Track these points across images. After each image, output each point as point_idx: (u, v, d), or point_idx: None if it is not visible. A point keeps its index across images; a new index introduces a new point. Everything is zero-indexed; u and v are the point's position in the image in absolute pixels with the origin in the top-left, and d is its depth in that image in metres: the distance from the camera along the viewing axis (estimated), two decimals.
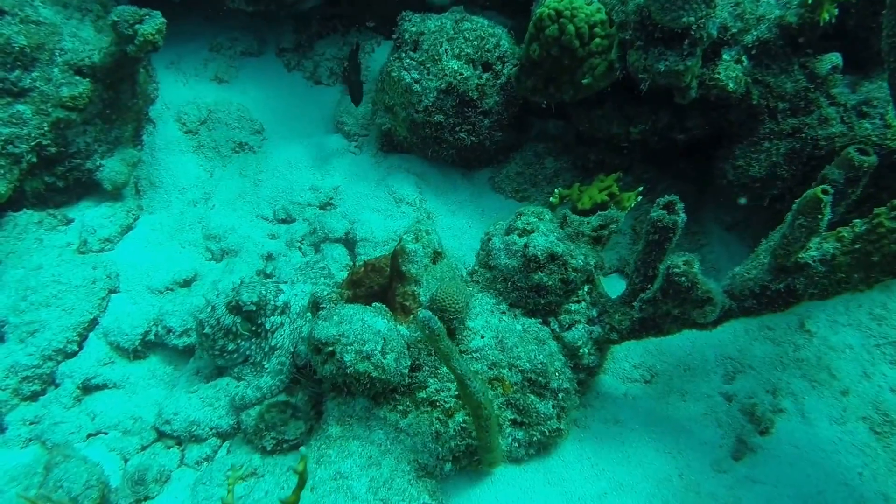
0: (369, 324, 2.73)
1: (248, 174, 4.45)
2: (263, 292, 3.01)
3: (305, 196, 4.30)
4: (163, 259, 3.80)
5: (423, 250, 2.97)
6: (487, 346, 2.97)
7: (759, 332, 3.76)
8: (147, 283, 3.65)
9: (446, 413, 2.90)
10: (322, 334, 2.69)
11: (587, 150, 4.01)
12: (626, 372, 3.56)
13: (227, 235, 3.97)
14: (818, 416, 3.40)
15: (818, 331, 3.68)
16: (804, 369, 3.56)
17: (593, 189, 3.34)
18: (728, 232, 4.12)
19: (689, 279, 2.74)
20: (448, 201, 4.36)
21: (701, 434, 3.36)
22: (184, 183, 4.31)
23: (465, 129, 4.03)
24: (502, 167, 4.35)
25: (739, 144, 3.43)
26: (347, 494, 2.74)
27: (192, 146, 4.50)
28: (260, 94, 5.02)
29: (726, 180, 3.56)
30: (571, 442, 3.28)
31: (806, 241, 2.66)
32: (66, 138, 3.73)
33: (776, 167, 3.33)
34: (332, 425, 2.87)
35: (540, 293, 3.04)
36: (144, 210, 4.17)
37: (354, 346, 2.66)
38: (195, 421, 3.10)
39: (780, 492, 3.13)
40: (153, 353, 3.46)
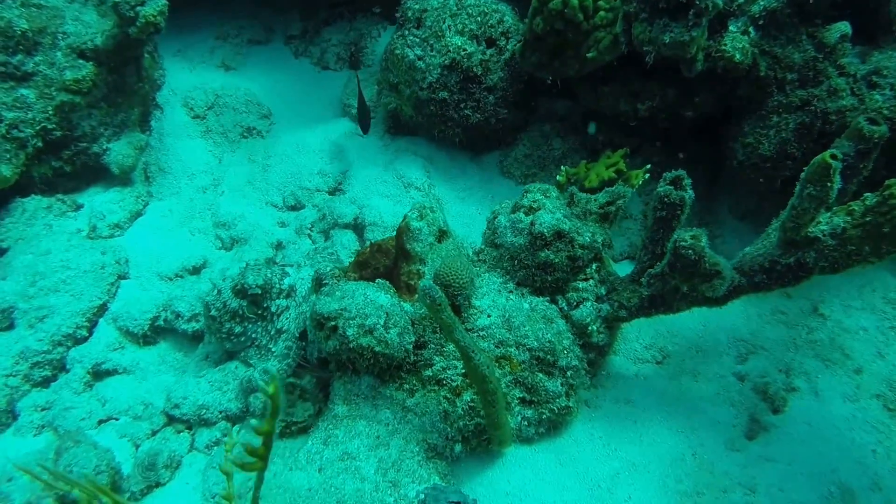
0: (371, 298, 2.75)
1: (256, 159, 4.49)
2: (269, 275, 3.04)
3: (314, 181, 4.33)
4: (172, 246, 3.85)
5: (428, 228, 2.99)
6: (494, 325, 2.98)
7: (771, 316, 3.75)
8: (157, 270, 3.70)
9: (454, 392, 2.92)
10: (324, 309, 2.72)
11: (596, 129, 4.01)
12: (637, 353, 3.56)
13: (236, 223, 4.01)
14: (832, 394, 3.39)
15: (832, 314, 3.67)
16: (817, 350, 3.55)
17: (600, 166, 3.34)
18: (741, 221, 4.11)
19: (696, 253, 2.74)
20: (457, 187, 4.38)
21: (714, 414, 3.36)
22: (193, 169, 4.36)
23: (470, 106, 4.05)
24: (510, 150, 4.36)
25: (748, 119, 3.41)
26: (356, 475, 2.76)
27: (200, 131, 4.55)
28: (267, 80, 5.07)
29: (736, 161, 3.54)
30: (583, 422, 3.28)
31: (815, 212, 2.65)
32: (71, 122, 3.78)
33: (786, 144, 3.30)
34: (339, 405, 2.89)
35: (547, 271, 3.05)
36: (154, 196, 4.22)
37: (357, 321, 2.69)
38: (204, 405, 3.14)
39: (793, 470, 3.12)
40: (163, 339, 3.50)
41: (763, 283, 2.94)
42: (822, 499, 3.01)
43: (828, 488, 3.03)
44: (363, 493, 2.72)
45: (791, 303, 3.74)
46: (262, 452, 2.03)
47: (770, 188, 3.48)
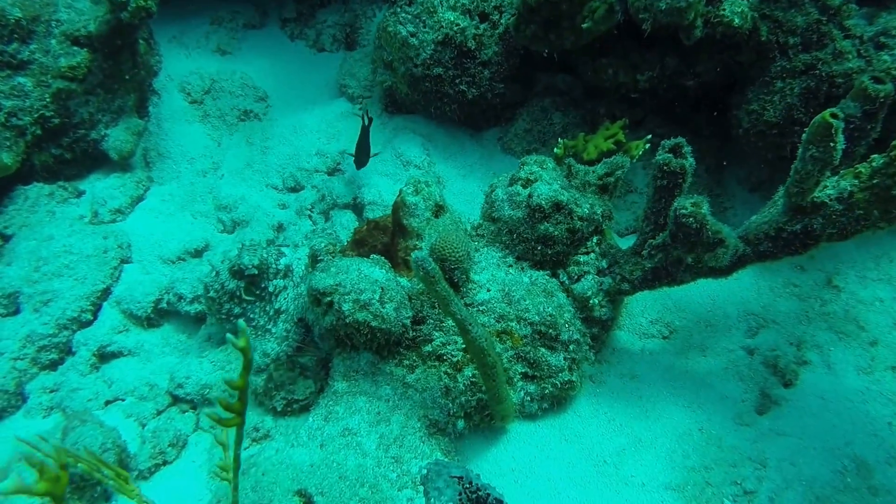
0: (366, 273, 2.76)
1: (254, 142, 4.54)
2: (265, 256, 3.07)
3: (313, 162, 4.37)
4: (174, 229, 3.91)
5: (424, 203, 2.99)
6: (494, 300, 2.98)
7: (783, 289, 3.70)
8: (159, 253, 3.76)
9: (454, 367, 2.92)
10: (319, 284, 2.74)
11: (596, 103, 3.98)
12: (642, 328, 3.54)
13: (237, 206, 4.06)
14: (845, 366, 3.33)
15: (846, 286, 3.60)
16: (831, 322, 3.50)
17: (598, 138, 3.31)
18: (752, 192, 4.05)
19: (697, 220, 2.71)
20: (457, 164, 4.38)
21: (722, 388, 3.33)
22: (192, 153, 4.42)
23: (466, 81, 4.04)
24: (510, 125, 4.35)
25: (752, 87, 3.35)
26: (357, 451, 2.79)
27: (198, 116, 4.62)
28: (263, 63, 5.13)
29: (742, 129, 3.49)
30: (587, 397, 3.27)
31: (820, 175, 2.60)
32: (68, 109, 3.85)
33: (792, 110, 3.24)
34: (339, 381, 2.91)
35: (547, 244, 3.04)
36: (154, 181, 4.28)
37: (352, 296, 2.70)
38: (207, 384, 3.18)
39: (805, 444, 3.08)
40: (166, 322, 3.56)
41: (769, 252, 2.90)
42: (836, 473, 2.96)
43: (842, 462, 2.99)
44: (365, 468, 2.74)
45: (804, 275, 3.68)
46: (237, 408, 2.05)
47: (778, 155, 3.42)
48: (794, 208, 2.75)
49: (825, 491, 2.91)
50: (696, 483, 3.00)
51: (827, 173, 2.59)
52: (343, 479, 2.70)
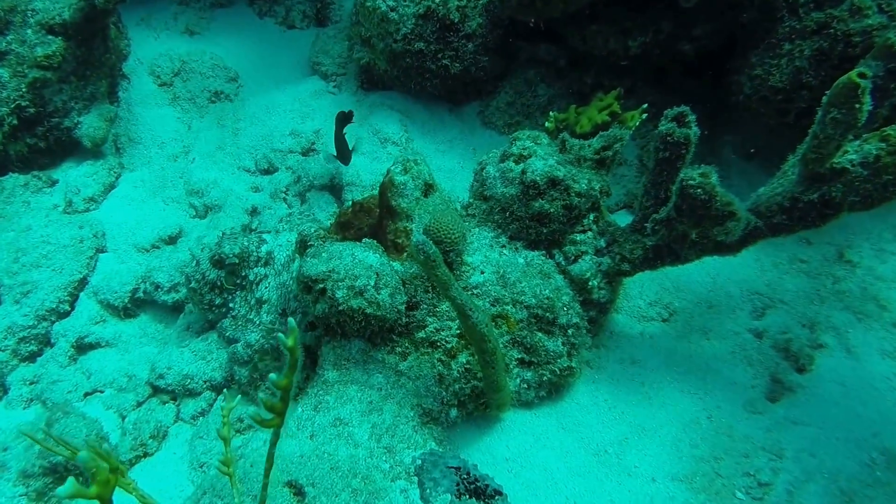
0: (360, 259, 2.49)
1: (226, 124, 4.29)
2: (245, 244, 2.81)
3: (286, 142, 4.11)
4: (147, 216, 3.70)
5: (413, 182, 2.70)
6: (488, 282, 2.69)
7: (790, 266, 3.38)
8: (133, 242, 3.53)
9: (448, 354, 2.64)
10: (311, 271, 2.46)
11: (583, 73, 3.66)
12: (641, 310, 3.24)
13: (209, 190, 3.81)
14: (867, 350, 3.02)
15: (861, 261, 3.29)
16: (847, 301, 3.18)
17: (592, 110, 3.00)
18: (748, 161, 3.71)
19: (706, 192, 2.41)
20: (436, 140, 4.09)
21: (730, 374, 3.03)
22: (162, 137, 4.18)
23: (449, 56, 3.75)
24: (491, 99, 4.05)
25: (755, 50, 3.01)
26: (349, 441, 2.51)
27: (168, 99, 4.37)
28: (233, 43, 4.88)
29: (743, 95, 3.16)
30: (585, 384, 2.98)
31: (841, 139, 2.29)
32: (43, 98, 3.66)
33: (801, 73, 2.91)
34: (329, 370, 2.64)
35: (542, 222, 2.75)
36: (126, 167, 4.06)
37: (346, 282, 2.43)
38: (188, 375, 2.93)
39: (826, 433, 2.78)
40: (143, 312, 3.32)
41: (783, 225, 2.60)
42: (863, 466, 2.65)
43: (868, 454, 2.68)
44: (357, 459, 2.48)
45: (812, 250, 3.36)
46: (279, 408, 1.78)
47: (781, 122, 3.09)
48: (810, 176, 2.44)
49: (852, 485, 2.60)
50: (705, 474, 2.71)
51: (849, 137, 2.27)
52: (335, 469, 2.43)
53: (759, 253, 3.43)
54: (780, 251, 3.42)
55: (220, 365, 2.94)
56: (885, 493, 2.59)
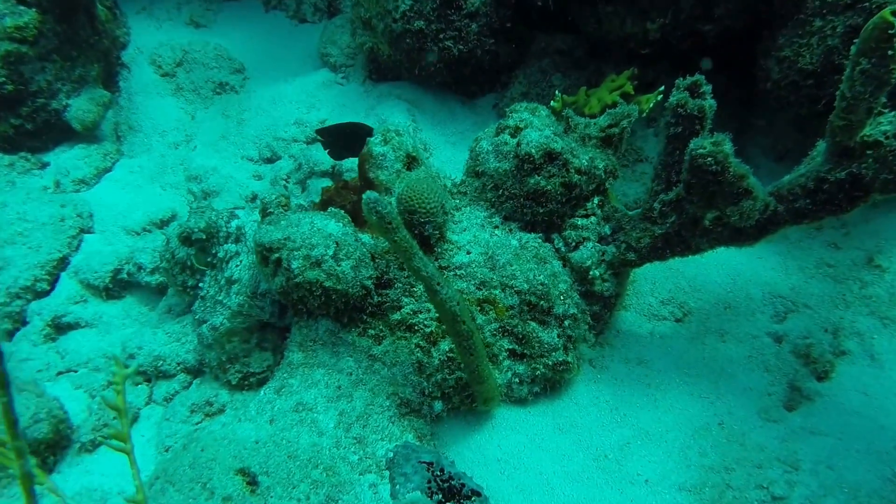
0: (319, 227, 2.18)
1: (230, 114, 4.06)
2: (213, 218, 2.50)
3: (290, 131, 3.84)
4: (141, 201, 3.44)
5: (394, 154, 2.39)
6: (475, 263, 2.35)
7: (815, 270, 2.97)
8: (123, 224, 3.28)
9: (428, 340, 2.29)
10: (266, 238, 2.16)
11: (601, 63, 3.29)
12: (652, 308, 2.85)
13: (208, 176, 3.55)
14: (892, 358, 2.61)
15: (891, 266, 2.88)
16: (873, 307, 2.76)
17: (603, 90, 2.67)
18: (779, 163, 3.32)
19: (717, 161, 2.05)
20: (447, 132, 3.78)
21: (745, 379, 2.62)
22: (164, 126, 3.95)
23: (451, 36, 3.44)
24: (506, 91, 3.70)
25: (783, 29, 2.65)
26: (312, 429, 2.17)
27: (171, 89, 4.16)
28: (240, 35, 4.67)
29: (771, 82, 2.78)
30: (586, 383, 2.60)
31: (872, 99, 1.92)
32: (22, 75, 3.41)
33: (832, 54, 2.53)
34: (295, 351, 2.32)
35: (538, 201, 2.40)
36: (125, 154, 3.84)
37: (302, 251, 2.12)
38: (160, 356, 2.64)
39: (846, 445, 2.35)
40: (128, 294, 3.04)
41: (807, 211, 2.21)
42: (885, 481, 2.24)
43: (892, 469, 2.29)
44: (321, 448, 2.13)
45: (840, 254, 2.95)
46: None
47: (812, 111, 2.70)
48: (839, 151, 2.06)
49: (872, 501, 2.22)
50: (714, 485, 2.29)
51: (881, 101, 1.90)
52: (293, 458, 2.09)
53: (785, 256, 3.03)
54: (807, 255, 3.01)
55: (194, 347, 2.63)
56: None
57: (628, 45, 3.04)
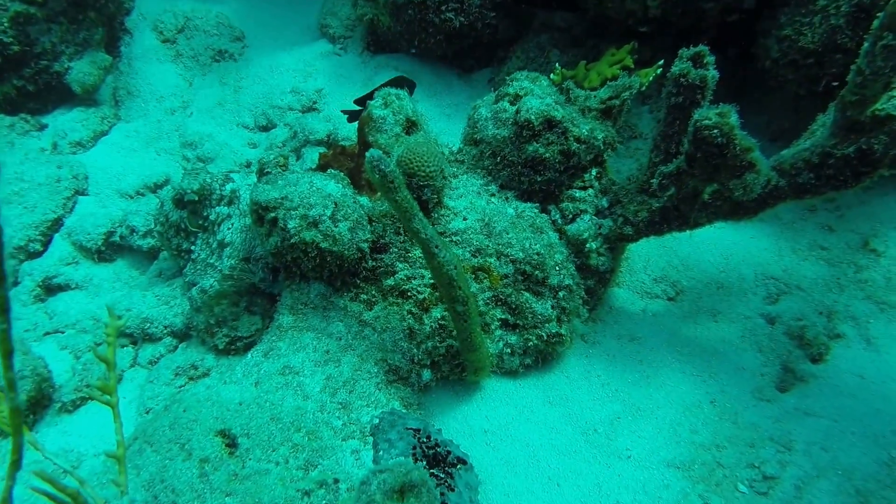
0: (318, 186, 2.04)
1: (228, 82, 3.92)
2: (208, 180, 2.36)
3: (287, 99, 3.70)
4: (136, 165, 3.29)
5: (394, 117, 2.26)
6: (471, 230, 2.22)
7: (809, 252, 2.85)
8: (117, 187, 3.13)
9: (420, 306, 2.16)
10: (262, 197, 2.02)
11: (599, 41, 3.15)
12: (644, 286, 2.72)
13: (203, 142, 3.41)
14: (889, 342, 2.48)
15: (887, 250, 2.75)
16: (869, 291, 2.64)
17: (602, 64, 2.53)
18: (774, 143, 3.19)
19: (723, 133, 1.92)
20: (442, 103, 3.64)
21: (737, 359, 2.50)
22: (162, 92, 3.81)
23: (453, 8, 3.30)
24: (502, 66, 3.56)
25: (786, 8, 2.52)
26: (298, 393, 2.04)
27: (171, 55, 4.00)
28: (241, 3, 4.48)
29: (769, 60, 2.65)
30: (577, 357, 2.47)
31: (892, 73, 1.78)
32: (29, 36, 3.28)
33: (836, 34, 2.40)
34: (285, 314, 2.18)
35: (536, 169, 2.27)
36: (122, 119, 3.69)
37: (299, 211, 1.99)
38: (148, 318, 2.50)
39: (841, 427, 2.24)
40: (120, 257, 2.90)
41: (810, 185, 2.08)
42: (881, 465, 2.13)
43: (889, 453, 2.17)
44: (304, 411, 2.00)
45: (834, 237, 2.83)
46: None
47: (810, 91, 2.58)
48: (848, 125, 1.93)
49: (868, 485, 2.07)
50: (704, 462, 2.18)
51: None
52: (275, 420, 1.97)
53: (778, 238, 2.91)
54: (800, 236, 2.89)
55: (182, 311, 2.50)
56: None
57: (627, 23, 2.90)
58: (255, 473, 1.89)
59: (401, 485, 1.36)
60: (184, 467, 1.91)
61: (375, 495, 1.34)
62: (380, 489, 1.35)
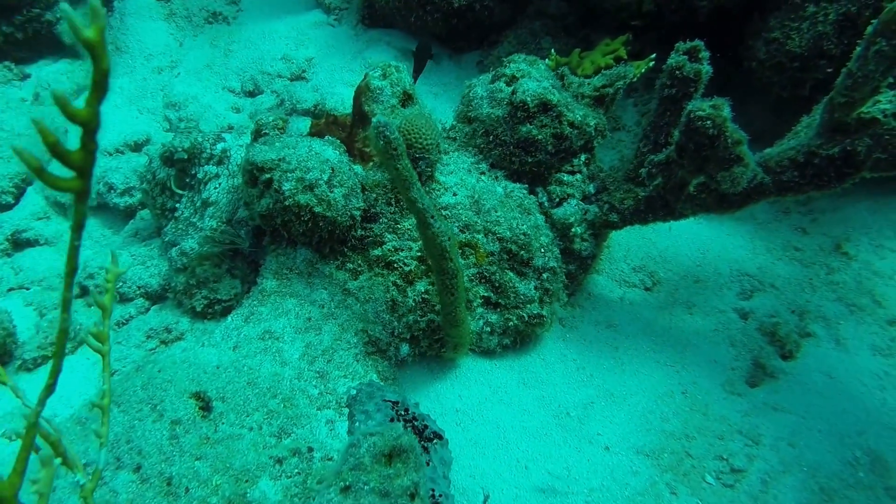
0: (317, 151, 1.97)
1: (219, 44, 3.79)
2: (199, 139, 2.27)
3: (276, 66, 3.59)
4: (117, 122, 3.16)
5: (392, 89, 2.19)
6: (460, 206, 2.17)
7: (783, 252, 2.87)
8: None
9: (405, 278, 2.10)
10: (259, 157, 1.94)
11: (591, 32, 3.12)
12: (624, 274, 2.71)
13: (187, 104, 3.28)
14: (857, 344, 2.50)
15: (859, 254, 2.78)
16: (840, 293, 2.67)
17: (596, 54, 2.50)
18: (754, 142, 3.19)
19: (715, 125, 1.90)
20: (430, 82, 3.57)
21: (710, 352, 2.50)
22: (151, 50, 3.67)
23: None
24: (493, 49, 3.51)
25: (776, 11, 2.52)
26: (276, 359, 1.97)
27: (164, 14, 3.87)
28: None
29: (756, 62, 2.65)
30: (554, 341, 2.45)
31: (881, 79, 1.79)
32: None
33: (822, 40, 2.42)
34: (269, 279, 2.10)
35: (528, 150, 2.23)
36: None
37: (296, 174, 1.91)
38: (121, 277, 2.36)
39: (809, 424, 2.25)
40: (94, 216, 2.76)
41: (793, 184, 2.08)
42: (845, 464, 2.14)
43: (853, 452, 2.17)
44: (281, 378, 1.94)
45: (807, 239, 2.85)
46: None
47: (794, 94, 2.59)
48: (834, 126, 1.93)
49: (832, 483, 2.09)
50: (674, 451, 2.17)
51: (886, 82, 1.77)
52: (252, 385, 1.90)
53: (753, 237, 2.93)
54: (774, 237, 2.91)
55: (159, 272, 2.39)
56: (866, 498, 2.07)
57: (621, 15, 2.87)
58: (228, 438, 1.82)
59: (390, 449, 1.31)
60: (153, 428, 1.83)
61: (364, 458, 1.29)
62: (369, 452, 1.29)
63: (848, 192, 2.98)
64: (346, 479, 1.36)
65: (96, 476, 1.39)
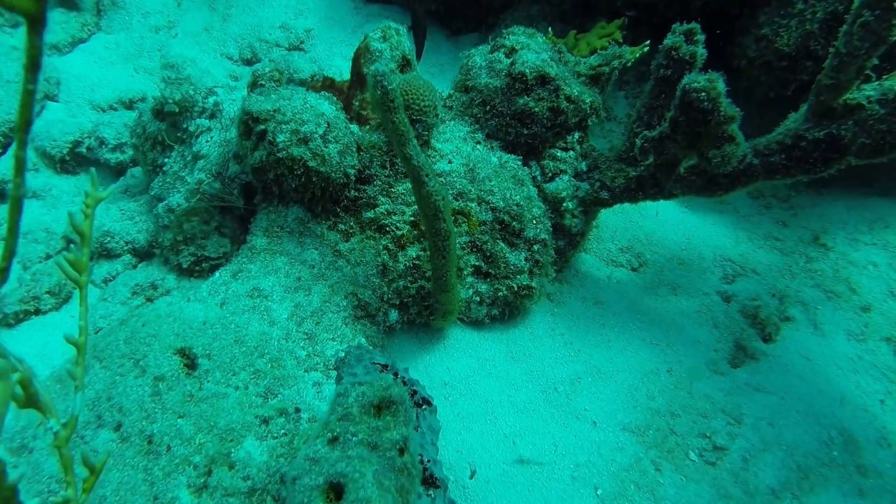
0: (312, 104, 1.90)
1: (217, 8, 3.65)
2: (191, 92, 2.18)
3: (275, 35, 3.49)
4: (112, 78, 3.03)
5: (391, 52, 2.13)
6: (455, 173, 2.12)
7: (764, 241, 2.88)
8: (90, 98, 2.86)
9: (397, 243, 2.05)
10: (254, 107, 1.87)
11: (585, 19, 3.10)
12: (611, 254, 2.69)
13: (185, 67, 3.16)
14: (834, 328, 2.52)
15: (835, 245, 2.81)
16: (818, 280, 2.68)
17: (592, 36, 2.48)
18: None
19: (710, 99, 1.88)
20: (427, 62, 3.52)
21: (694, 332, 2.49)
22: (148, 7, 3.52)
23: None
24: (490, 32, 3.47)
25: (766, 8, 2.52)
26: (264, 317, 1.90)
27: None
28: None
29: (745, 59, 2.65)
30: (543, 315, 2.41)
31: (866, 57, 1.79)
32: None
33: (809, 39, 2.42)
34: (258, 236, 2.03)
35: (524, 122, 2.19)
36: (102, 30, 3.38)
37: (291, 125, 1.84)
38: (109, 232, 2.29)
39: (787, 405, 2.26)
40: (84, 171, 2.65)
41: (781, 166, 2.07)
42: (821, 443, 2.15)
43: (828, 432, 2.19)
44: (269, 338, 1.86)
45: (787, 230, 2.88)
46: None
47: (781, 95, 2.60)
48: (821, 111, 1.93)
49: (808, 461, 2.10)
50: (659, 428, 2.15)
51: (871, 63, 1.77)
52: (239, 343, 1.82)
53: (736, 227, 2.94)
54: (756, 227, 2.93)
55: (147, 228, 2.30)
56: (839, 475, 2.09)
57: (616, 4, 2.86)
58: (213, 396, 1.74)
59: (379, 400, 1.25)
60: (135, 384, 1.74)
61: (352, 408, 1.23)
62: (357, 402, 1.24)
63: (827, 188, 3.02)
64: (333, 430, 1.30)
65: (72, 424, 1.30)
